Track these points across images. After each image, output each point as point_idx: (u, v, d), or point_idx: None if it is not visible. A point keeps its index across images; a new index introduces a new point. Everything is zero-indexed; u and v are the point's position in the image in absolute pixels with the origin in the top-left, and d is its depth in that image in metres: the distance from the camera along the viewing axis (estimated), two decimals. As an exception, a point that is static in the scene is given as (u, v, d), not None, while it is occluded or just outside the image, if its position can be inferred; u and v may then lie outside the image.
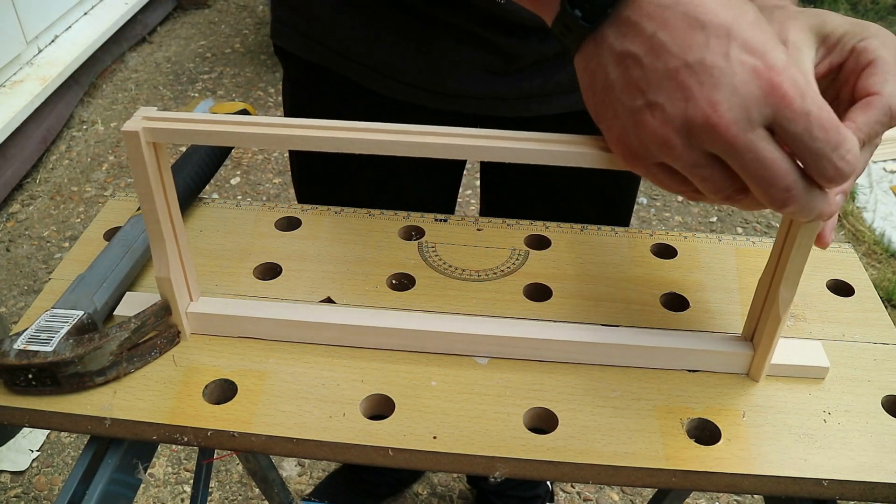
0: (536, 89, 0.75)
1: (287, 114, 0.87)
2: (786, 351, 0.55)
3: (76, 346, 0.51)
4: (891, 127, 0.46)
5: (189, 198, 0.69)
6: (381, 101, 0.77)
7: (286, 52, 0.81)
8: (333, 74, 0.77)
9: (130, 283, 0.61)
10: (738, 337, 0.56)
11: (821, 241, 0.49)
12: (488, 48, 0.71)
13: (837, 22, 0.49)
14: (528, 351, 0.56)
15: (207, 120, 0.48)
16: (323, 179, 0.88)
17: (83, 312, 0.54)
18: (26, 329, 0.52)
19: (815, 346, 0.56)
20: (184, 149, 0.71)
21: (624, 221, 0.94)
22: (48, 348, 0.51)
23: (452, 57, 0.72)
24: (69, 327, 0.52)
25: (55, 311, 0.54)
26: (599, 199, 0.89)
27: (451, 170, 0.93)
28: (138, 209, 0.65)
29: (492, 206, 0.99)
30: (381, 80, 0.76)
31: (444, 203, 0.96)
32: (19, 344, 0.51)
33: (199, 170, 0.69)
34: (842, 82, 0.48)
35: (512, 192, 0.93)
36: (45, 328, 0.52)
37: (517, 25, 0.69)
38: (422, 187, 0.89)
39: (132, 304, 0.57)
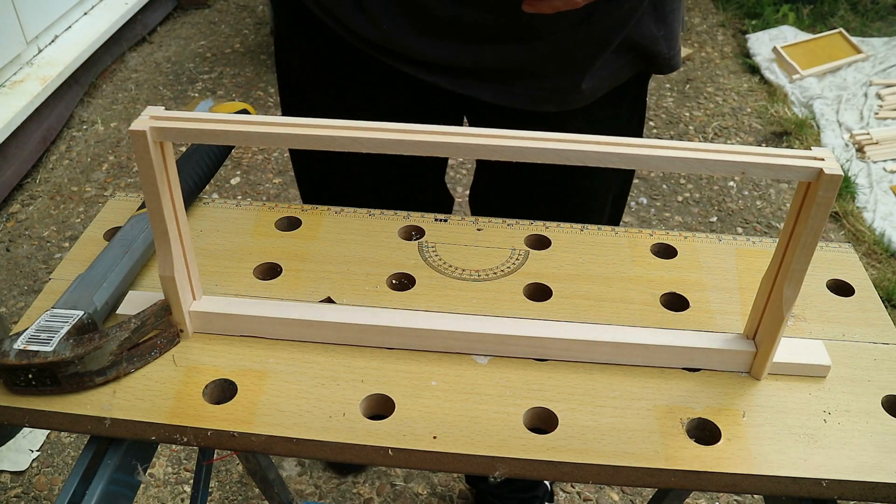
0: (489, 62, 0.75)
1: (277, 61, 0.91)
2: (787, 349, 0.55)
3: (76, 346, 0.51)
4: None
5: (189, 198, 0.69)
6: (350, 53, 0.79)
7: None
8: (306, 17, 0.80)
9: (130, 282, 0.61)
10: (739, 335, 0.56)
11: None
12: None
13: None
14: (529, 349, 0.56)
15: (214, 119, 0.48)
16: (319, 175, 0.90)
17: (83, 312, 0.54)
18: (26, 329, 0.52)
19: (816, 344, 0.56)
20: (184, 148, 0.71)
21: (595, 220, 0.95)
22: (48, 348, 0.50)
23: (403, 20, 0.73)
24: (69, 327, 0.52)
25: (55, 311, 0.54)
26: (563, 199, 0.90)
27: (432, 165, 0.95)
28: (138, 209, 0.65)
29: (478, 207, 1.01)
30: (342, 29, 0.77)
31: (440, 199, 0.98)
32: (19, 344, 0.51)
33: (199, 170, 0.69)
34: None
35: (496, 193, 0.95)
36: (45, 328, 0.52)
37: None
38: (412, 183, 0.91)
39: (134, 304, 0.57)
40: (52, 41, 2.47)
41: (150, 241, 0.62)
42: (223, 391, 0.53)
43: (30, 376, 0.50)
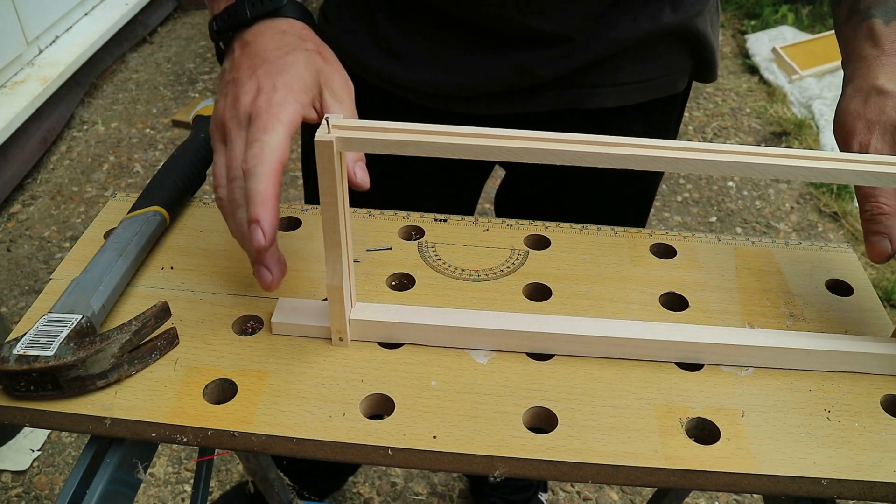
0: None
1: None
2: None
3: (77, 349, 0.51)
4: None
5: (181, 198, 0.68)
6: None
7: None
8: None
9: (126, 284, 0.61)
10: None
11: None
12: None
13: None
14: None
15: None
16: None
17: (81, 316, 0.54)
18: (24, 335, 0.52)
19: None
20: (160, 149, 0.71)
21: (639, 223, 0.95)
22: (48, 353, 0.50)
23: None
24: (68, 331, 0.52)
25: (52, 315, 0.54)
26: (615, 202, 0.90)
27: (478, 173, 0.95)
28: (129, 211, 0.65)
29: (504, 209, 1.00)
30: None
31: (465, 205, 0.98)
32: (18, 349, 0.50)
33: (189, 171, 0.69)
34: None
35: (523, 195, 0.94)
36: (43, 333, 0.52)
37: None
38: (441, 191, 0.91)
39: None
40: (53, 42, 2.47)
41: (143, 243, 0.62)
42: (223, 391, 0.54)
43: (30, 382, 0.50)
